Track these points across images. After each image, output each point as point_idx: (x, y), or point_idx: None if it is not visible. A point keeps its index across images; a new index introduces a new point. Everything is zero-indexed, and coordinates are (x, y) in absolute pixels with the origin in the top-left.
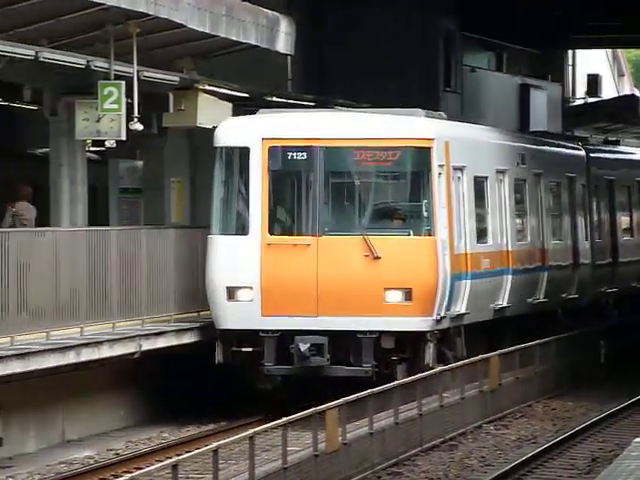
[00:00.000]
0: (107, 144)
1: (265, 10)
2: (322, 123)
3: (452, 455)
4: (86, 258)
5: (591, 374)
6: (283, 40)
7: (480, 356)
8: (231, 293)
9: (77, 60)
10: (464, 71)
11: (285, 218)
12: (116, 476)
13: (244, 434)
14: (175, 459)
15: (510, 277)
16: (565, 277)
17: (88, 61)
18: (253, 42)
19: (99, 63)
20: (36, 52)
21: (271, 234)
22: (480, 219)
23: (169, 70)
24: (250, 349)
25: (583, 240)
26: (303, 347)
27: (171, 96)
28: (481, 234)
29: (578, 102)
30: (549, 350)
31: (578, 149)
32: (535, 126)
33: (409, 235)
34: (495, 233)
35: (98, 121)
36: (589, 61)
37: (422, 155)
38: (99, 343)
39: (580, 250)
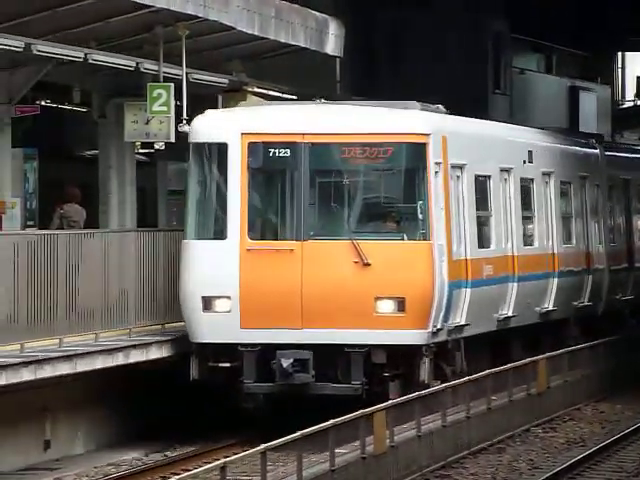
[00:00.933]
0: (156, 146)
1: (314, 12)
2: (307, 117)
3: (500, 458)
4: (135, 259)
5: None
6: (332, 42)
7: (529, 359)
8: (207, 303)
9: (126, 62)
10: (513, 73)
11: (266, 221)
12: (165, 477)
13: (292, 436)
14: (222, 461)
15: (516, 285)
16: (577, 284)
17: (137, 63)
18: (302, 44)
19: (148, 65)
20: (85, 54)
21: (251, 238)
22: (482, 222)
23: (218, 72)
24: (228, 365)
25: (597, 244)
26: (285, 363)
27: (220, 98)
28: (483, 238)
29: (627, 104)
30: (597, 353)
31: (592, 147)
32: (584, 129)
33: (402, 239)
34: (499, 237)
35: (147, 123)
36: (639, 63)
37: (417, 151)
38: (148, 345)
39: (593, 255)
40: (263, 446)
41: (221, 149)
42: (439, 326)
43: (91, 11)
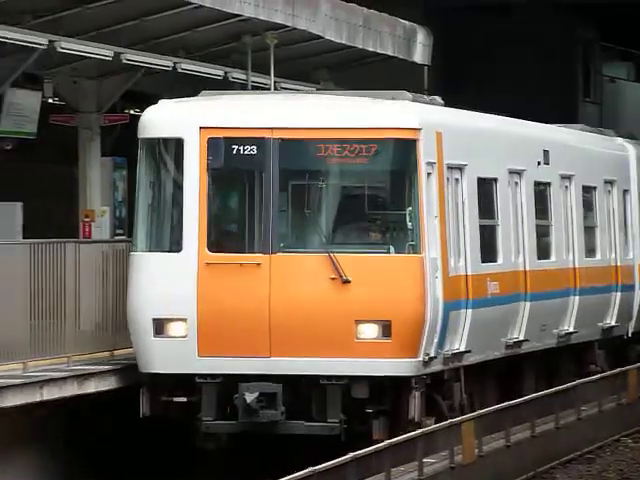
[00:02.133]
0: None
1: (402, 21)
2: (278, 108)
3: (589, 468)
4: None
5: None
6: (420, 51)
7: (618, 369)
8: (159, 327)
9: (215, 71)
10: (603, 81)
11: (229, 230)
12: None
13: (382, 444)
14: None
15: (528, 304)
16: (602, 302)
17: (226, 72)
18: (390, 53)
19: (237, 74)
20: (174, 63)
21: (211, 251)
22: (486, 232)
23: (305, 81)
24: (184, 399)
25: (625, 257)
26: (249, 398)
27: None
28: (488, 251)
29: None
30: None
31: (621, 147)
32: None
33: (388, 252)
34: (507, 250)
35: None
36: None
37: (405, 149)
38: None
39: (622, 269)
40: (350, 455)
41: (176, 146)
42: (432, 354)
43: (179, 20)
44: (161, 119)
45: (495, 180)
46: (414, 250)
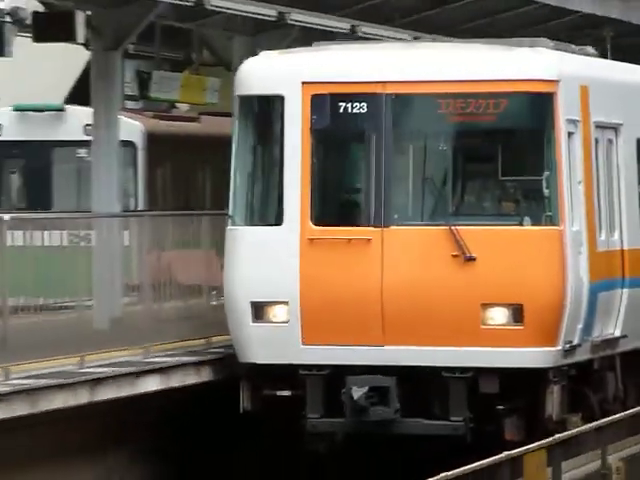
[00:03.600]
0: None
1: None
2: (390, 60)
3: None
4: None
5: None
6: None
7: None
8: (258, 311)
9: None
10: None
11: (336, 200)
12: None
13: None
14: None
15: None
16: None
17: None
18: None
19: None
20: None
21: (315, 224)
22: None
23: None
24: (288, 393)
25: None
26: (357, 394)
27: None
28: None
29: None
30: None
31: None
32: None
33: (519, 225)
34: None
35: None
36: None
37: (539, 105)
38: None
39: None
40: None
41: (275, 104)
42: (576, 341)
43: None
44: (259, 73)
45: None
46: (551, 222)
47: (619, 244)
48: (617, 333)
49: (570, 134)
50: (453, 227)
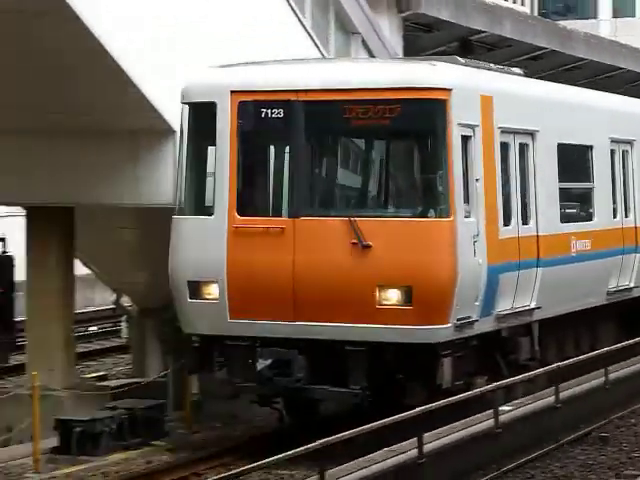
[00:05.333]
0: None
1: None
2: (303, 72)
3: None
4: None
5: None
6: None
7: None
8: (194, 290)
9: None
10: None
11: (258, 194)
12: None
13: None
14: None
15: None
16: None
17: None
18: None
19: None
20: None
21: (240, 215)
22: (573, 195)
23: None
24: (221, 359)
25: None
26: (261, 365)
27: None
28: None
29: None
30: None
31: None
32: None
33: (411, 216)
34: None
35: None
36: None
37: (432, 110)
38: None
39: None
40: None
41: (209, 110)
42: (476, 316)
43: None
44: (197, 84)
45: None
46: (441, 214)
47: (534, 231)
48: (532, 305)
49: (467, 137)
50: (352, 219)
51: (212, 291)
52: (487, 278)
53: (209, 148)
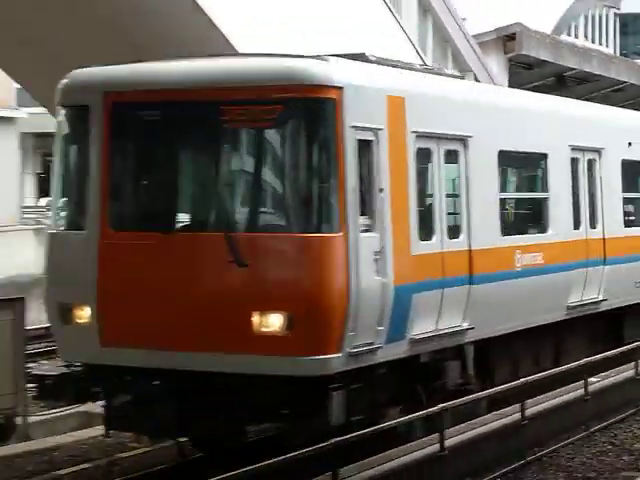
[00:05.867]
0: None
1: None
2: (182, 70)
3: None
4: None
5: None
6: None
7: None
8: (65, 313)
9: None
10: None
11: (130, 206)
12: None
13: None
14: None
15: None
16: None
17: None
18: None
19: None
20: None
21: (113, 229)
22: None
23: None
24: (99, 389)
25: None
26: (118, 401)
27: None
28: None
29: None
30: None
31: None
32: None
33: (296, 232)
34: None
35: None
36: None
37: (318, 111)
38: None
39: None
40: None
41: (82, 114)
42: (380, 342)
43: None
44: (69, 87)
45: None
46: (328, 229)
47: (466, 245)
48: (465, 325)
49: (366, 142)
50: (228, 234)
51: (84, 315)
52: (395, 299)
53: (84, 155)
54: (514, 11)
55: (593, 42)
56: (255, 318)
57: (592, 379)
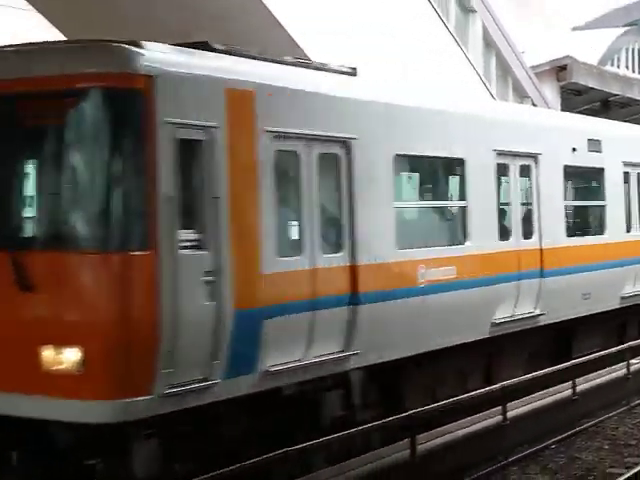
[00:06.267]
0: None
1: None
2: None
3: None
4: None
5: None
6: None
7: None
8: None
9: None
10: None
11: None
12: None
13: None
14: None
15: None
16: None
17: None
18: None
19: None
20: None
21: None
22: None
23: None
24: None
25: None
26: None
27: None
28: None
29: None
30: None
31: None
32: None
33: (93, 250)
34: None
35: None
36: None
37: (120, 104)
38: None
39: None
40: None
41: None
42: (215, 378)
43: None
44: None
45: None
46: (132, 246)
47: (347, 261)
48: (348, 351)
49: (192, 141)
50: (10, 251)
51: None
52: (236, 326)
53: None
54: (566, 45)
55: (634, 72)
56: (45, 353)
57: (633, 360)
